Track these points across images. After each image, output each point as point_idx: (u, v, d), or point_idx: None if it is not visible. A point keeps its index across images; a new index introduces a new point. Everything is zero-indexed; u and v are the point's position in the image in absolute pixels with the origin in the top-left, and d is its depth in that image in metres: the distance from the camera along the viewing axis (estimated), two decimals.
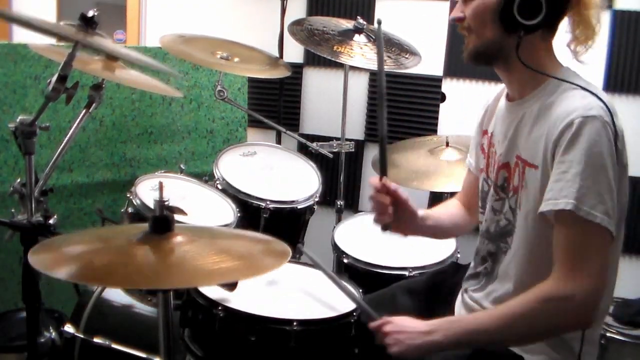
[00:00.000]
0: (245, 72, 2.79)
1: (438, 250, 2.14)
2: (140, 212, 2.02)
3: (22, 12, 1.70)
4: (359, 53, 2.48)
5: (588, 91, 1.34)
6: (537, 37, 1.40)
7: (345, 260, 2.13)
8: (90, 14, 1.63)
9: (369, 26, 2.62)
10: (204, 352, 1.48)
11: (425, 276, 1.88)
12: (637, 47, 2.63)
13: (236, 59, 2.55)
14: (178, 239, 1.18)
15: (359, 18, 2.59)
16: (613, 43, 2.64)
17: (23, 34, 3.08)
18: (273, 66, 2.66)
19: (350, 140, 2.78)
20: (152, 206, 1.27)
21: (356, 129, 3.06)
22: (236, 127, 3.01)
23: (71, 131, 1.84)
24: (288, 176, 2.50)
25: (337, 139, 2.75)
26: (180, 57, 2.62)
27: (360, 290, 1.60)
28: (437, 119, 2.97)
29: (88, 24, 1.63)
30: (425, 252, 2.11)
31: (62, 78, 1.58)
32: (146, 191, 2.09)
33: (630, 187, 1.40)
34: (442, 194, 2.44)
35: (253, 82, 3.10)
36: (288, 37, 2.65)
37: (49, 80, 1.58)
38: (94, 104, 1.88)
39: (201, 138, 2.93)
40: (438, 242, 2.14)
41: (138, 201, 2.05)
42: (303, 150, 2.85)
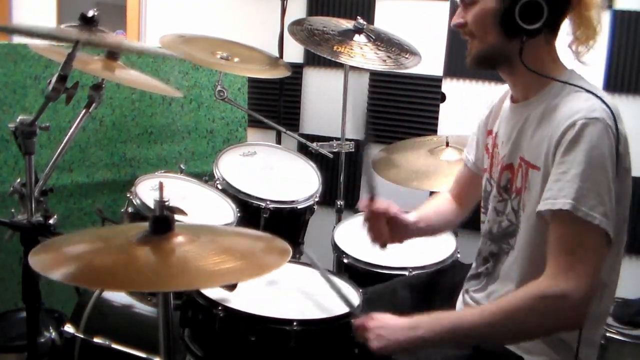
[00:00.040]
0: (245, 72, 2.79)
1: (438, 250, 2.14)
2: (140, 212, 2.02)
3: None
4: (359, 53, 2.48)
5: (592, 94, 1.33)
6: (540, 40, 1.39)
7: (345, 260, 2.13)
8: (90, 14, 1.63)
9: (369, 26, 2.62)
10: (204, 352, 1.48)
11: (427, 273, 1.88)
12: (637, 47, 2.63)
13: (236, 59, 2.55)
14: (178, 239, 1.18)
15: (359, 18, 2.59)
16: (613, 43, 2.64)
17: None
18: (273, 66, 2.66)
19: (350, 140, 2.77)
20: (152, 206, 1.27)
21: (356, 129, 3.06)
22: (236, 127, 3.01)
23: (71, 131, 1.84)
24: (288, 176, 2.50)
25: (337, 139, 2.75)
26: (180, 57, 2.62)
27: (360, 290, 1.60)
28: (437, 119, 2.96)
29: (88, 24, 1.63)
30: (425, 252, 2.11)
31: (62, 78, 1.58)
32: (146, 191, 2.09)
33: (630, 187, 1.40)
34: None
35: (253, 82, 3.10)
36: (288, 37, 2.65)
37: (49, 80, 1.58)
38: (94, 104, 1.87)
39: (201, 138, 2.93)
40: (438, 242, 2.15)
41: (138, 201, 2.05)
42: (303, 150, 2.85)
